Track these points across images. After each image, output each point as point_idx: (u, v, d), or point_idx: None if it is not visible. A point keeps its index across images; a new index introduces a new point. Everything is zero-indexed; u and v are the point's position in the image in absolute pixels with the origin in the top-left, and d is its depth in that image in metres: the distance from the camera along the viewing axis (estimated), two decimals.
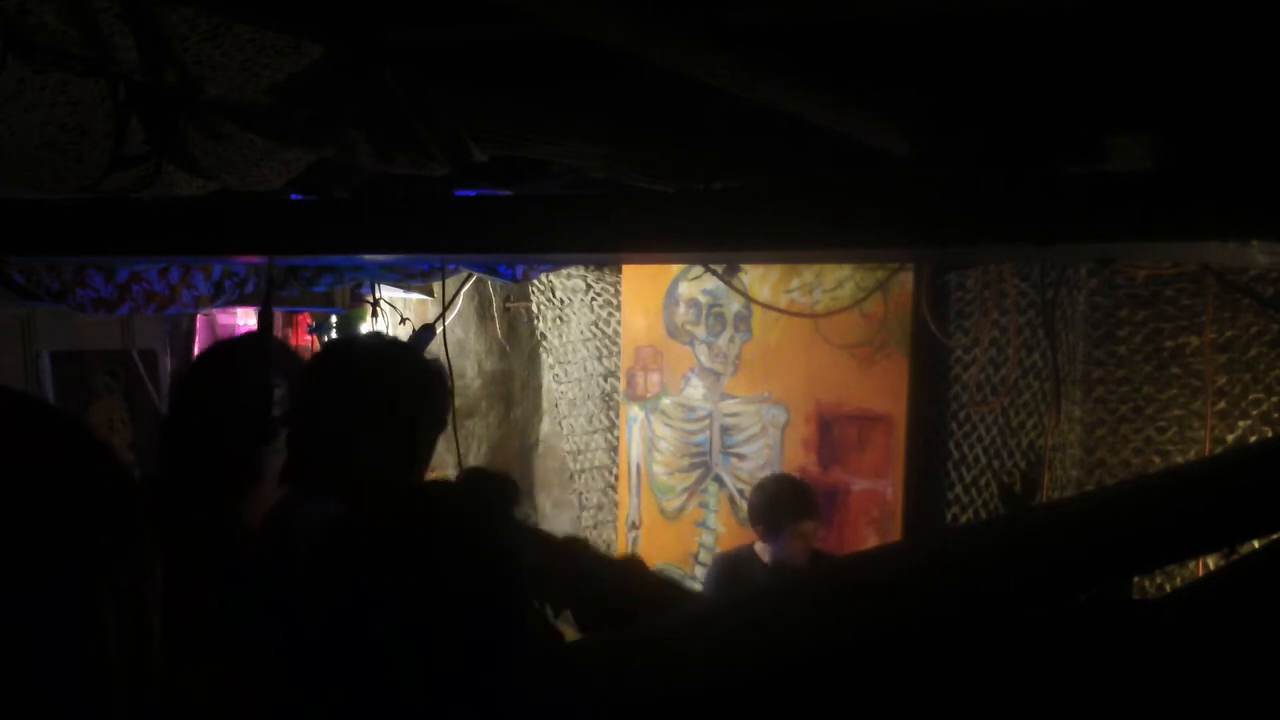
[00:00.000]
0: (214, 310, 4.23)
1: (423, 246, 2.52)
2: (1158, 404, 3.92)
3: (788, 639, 1.39)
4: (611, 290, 5.10)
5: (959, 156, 1.97)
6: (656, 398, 4.92)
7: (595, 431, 5.26)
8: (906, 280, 4.36)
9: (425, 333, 4.04)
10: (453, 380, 3.03)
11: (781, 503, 3.93)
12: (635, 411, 4.96)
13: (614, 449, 5.13)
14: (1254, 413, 3.76)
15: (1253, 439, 3.73)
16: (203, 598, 1.85)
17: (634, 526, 4.97)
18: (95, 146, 1.62)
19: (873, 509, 4.46)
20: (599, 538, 5.20)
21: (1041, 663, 1.34)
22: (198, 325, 4.68)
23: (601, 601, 2.08)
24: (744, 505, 4.54)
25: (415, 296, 4.90)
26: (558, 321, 5.33)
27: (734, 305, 4.71)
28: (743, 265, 4.59)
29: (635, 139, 2.22)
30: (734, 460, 4.74)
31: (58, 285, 3.11)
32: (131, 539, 0.84)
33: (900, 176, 2.19)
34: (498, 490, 1.72)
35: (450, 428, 2.44)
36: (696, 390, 4.82)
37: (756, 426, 4.70)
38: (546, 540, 2.11)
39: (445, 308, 4.26)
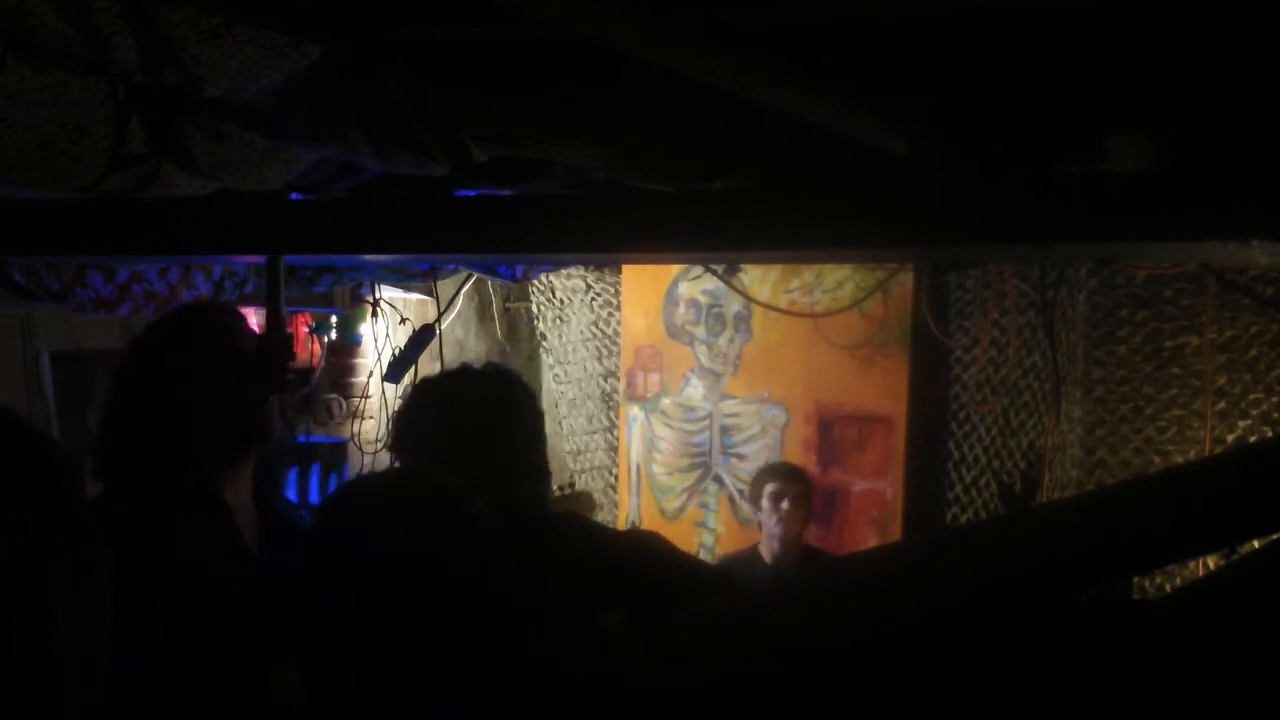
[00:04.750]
0: None
1: (423, 246, 2.52)
2: (1158, 404, 3.92)
3: (785, 639, 1.39)
4: (611, 290, 5.10)
5: (959, 156, 1.97)
6: (656, 398, 4.92)
7: (595, 431, 5.26)
8: (906, 280, 4.36)
9: (425, 333, 4.05)
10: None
11: (761, 475, 4.07)
12: (635, 412, 4.96)
13: (614, 449, 5.13)
14: (1254, 413, 3.76)
15: (1253, 439, 3.73)
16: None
17: (634, 526, 4.97)
18: (95, 146, 1.62)
19: (873, 509, 4.46)
20: None
21: (1041, 663, 1.34)
22: None
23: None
24: (744, 505, 4.54)
25: (415, 296, 4.90)
26: (558, 321, 5.33)
27: (734, 305, 4.71)
28: (743, 265, 4.59)
29: (635, 139, 2.22)
30: (734, 460, 4.74)
31: (58, 285, 3.11)
32: (74, 535, 0.85)
33: (900, 177, 2.19)
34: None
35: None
36: (696, 390, 4.82)
37: (756, 426, 4.70)
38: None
39: (445, 308, 4.26)
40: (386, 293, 4.53)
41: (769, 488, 3.96)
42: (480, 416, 2.16)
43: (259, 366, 2.03)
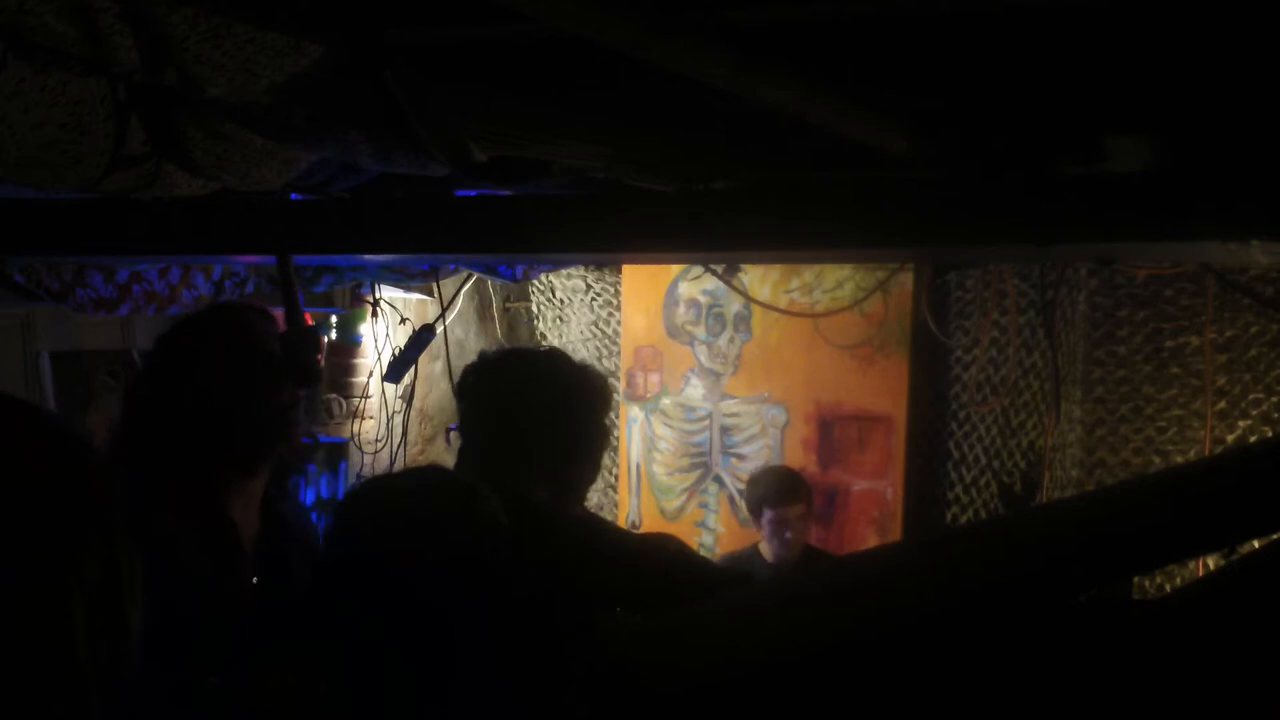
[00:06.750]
0: None
1: (423, 246, 2.52)
2: (1158, 404, 3.92)
3: (786, 639, 1.39)
4: (611, 290, 5.10)
5: (959, 156, 1.97)
6: (656, 398, 4.92)
7: None
8: (906, 280, 4.36)
9: (425, 333, 4.05)
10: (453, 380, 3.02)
11: (759, 487, 4.01)
12: (635, 412, 4.96)
13: (614, 449, 5.12)
14: (1254, 413, 3.76)
15: (1253, 439, 3.73)
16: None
17: (634, 527, 4.97)
18: (95, 146, 1.62)
19: (873, 509, 4.46)
20: None
21: (1041, 663, 1.34)
22: None
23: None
24: (744, 505, 4.54)
25: (415, 296, 4.90)
26: (558, 321, 5.33)
27: (734, 305, 4.71)
28: (743, 265, 4.59)
29: (635, 139, 2.22)
30: (734, 460, 4.74)
31: (58, 285, 3.11)
32: (104, 540, 0.83)
33: (901, 177, 2.19)
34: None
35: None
36: (696, 390, 4.82)
37: (756, 426, 4.70)
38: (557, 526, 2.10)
39: (445, 308, 4.26)
40: (386, 293, 4.53)
41: (768, 514, 3.92)
42: (521, 410, 2.11)
43: (286, 367, 2.00)
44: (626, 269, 4.95)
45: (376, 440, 4.78)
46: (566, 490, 2.17)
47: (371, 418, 4.96)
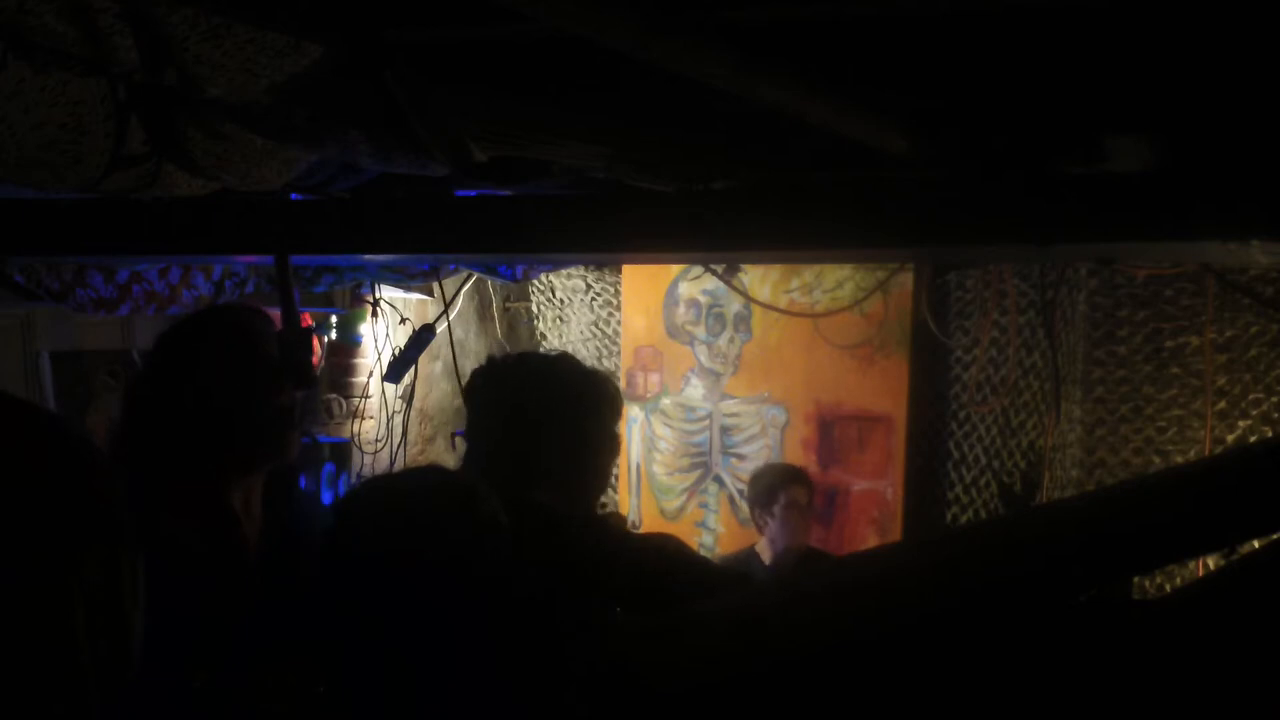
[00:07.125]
0: None
1: (423, 246, 2.52)
2: (1158, 404, 3.92)
3: (786, 639, 1.39)
4: (611, 290, 5.10)
5: (959, 156, 1.97)
6: (656, 398, 4.92)
7: None
8: (906, 280, 4.36)
9: (425, 333, 4.05)
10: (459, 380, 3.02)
11: (767, 477, 4.06)
12: (635, 412, 4.96)
13: None
14: (1254, 413, 3.76)
15: (1253, 439, 3.73)
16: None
17: (634, 527, 4.97)
18: (95, 146, 1.62)
19: (873, 509, 4.46)
20: None
21: (1041, 663, 1.34)
22: None
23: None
24: (744, 505, 4.54)
25: (415, 296, 4.90)
26: (558, 321, 5.33)
27: (734, 305, 4.71)
28: (743, 265, 4.59)
29: (635, 139, 2.22)
30: (734, 460, 4.74)
31: (58, 285, 3.11)
32: (105, 539, 0.82)
33: (901, 177, 2.19)
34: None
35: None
36: (696, 390, 4.82)
37: (756, 426, 4.70)
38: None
39: (445, 308, 4.26)
40: (386, 293, 4.53)
41: (784, 496, 3.94)
42: (526, 418, 2.09)
43: (283, 368, 2.00)
44: (626, 269, 4.95)
45: (376, 440, 4.78)
46: (572, 501, 2.15)
47: (371, 418, 4.96)
